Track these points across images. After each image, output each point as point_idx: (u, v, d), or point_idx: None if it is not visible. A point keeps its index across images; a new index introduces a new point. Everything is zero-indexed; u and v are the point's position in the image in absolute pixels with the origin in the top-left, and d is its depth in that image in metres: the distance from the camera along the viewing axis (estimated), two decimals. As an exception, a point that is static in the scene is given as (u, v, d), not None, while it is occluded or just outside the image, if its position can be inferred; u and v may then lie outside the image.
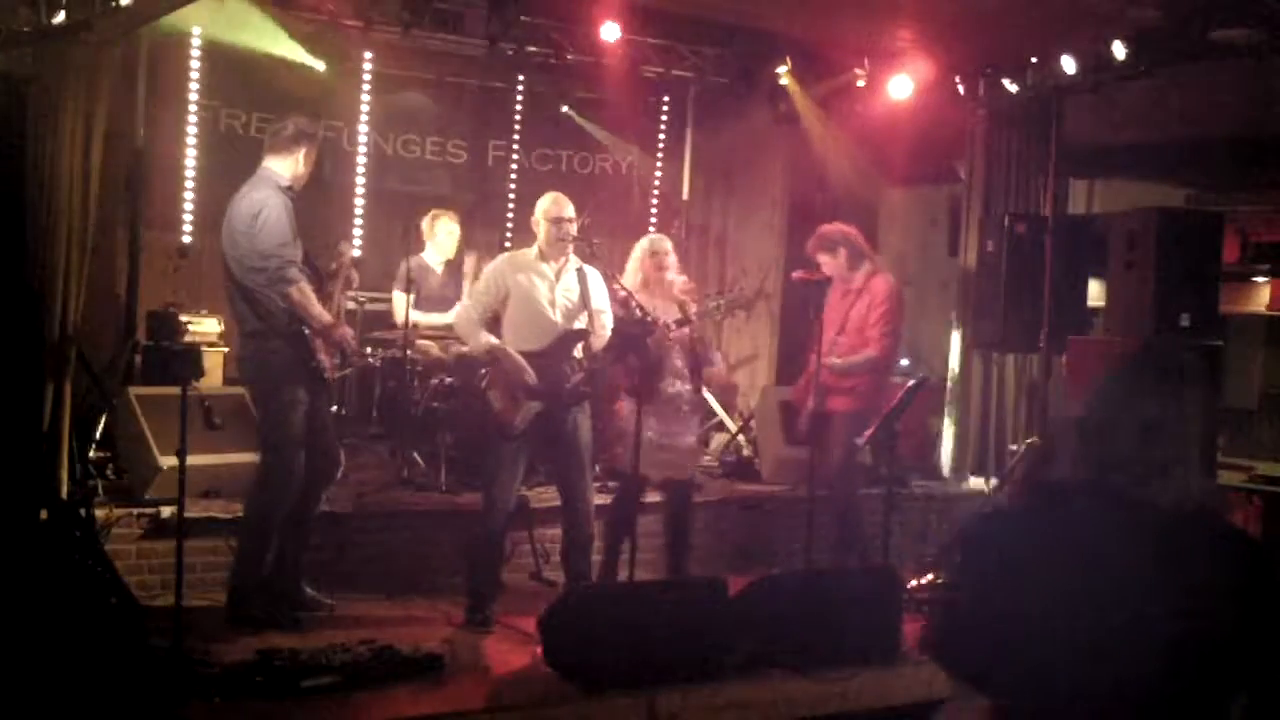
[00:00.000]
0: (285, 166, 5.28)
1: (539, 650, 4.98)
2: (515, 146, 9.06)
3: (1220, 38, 6.78)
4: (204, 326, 7.10)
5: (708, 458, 7.99)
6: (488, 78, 8.73)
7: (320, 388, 5.40)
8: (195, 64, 7.67)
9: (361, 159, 8.42)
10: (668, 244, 6.10)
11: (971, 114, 8.41)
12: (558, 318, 5.60)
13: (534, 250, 5.68)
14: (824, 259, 6.53)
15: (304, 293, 5.14)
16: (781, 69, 8.29)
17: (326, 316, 5.25)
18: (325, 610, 5.51)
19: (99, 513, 5.38)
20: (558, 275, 5.64)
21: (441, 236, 7.65)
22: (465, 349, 6.13)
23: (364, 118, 8.41)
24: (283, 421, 5.23)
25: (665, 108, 9.54)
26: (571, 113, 8.98)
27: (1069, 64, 7.53)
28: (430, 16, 7.62)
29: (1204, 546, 2.04)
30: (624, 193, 9.49)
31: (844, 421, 6.38)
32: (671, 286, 5.95)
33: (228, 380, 6.76)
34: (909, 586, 5.96)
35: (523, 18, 7.77)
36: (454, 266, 7.84)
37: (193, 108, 7.71)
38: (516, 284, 5.60)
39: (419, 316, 7.32)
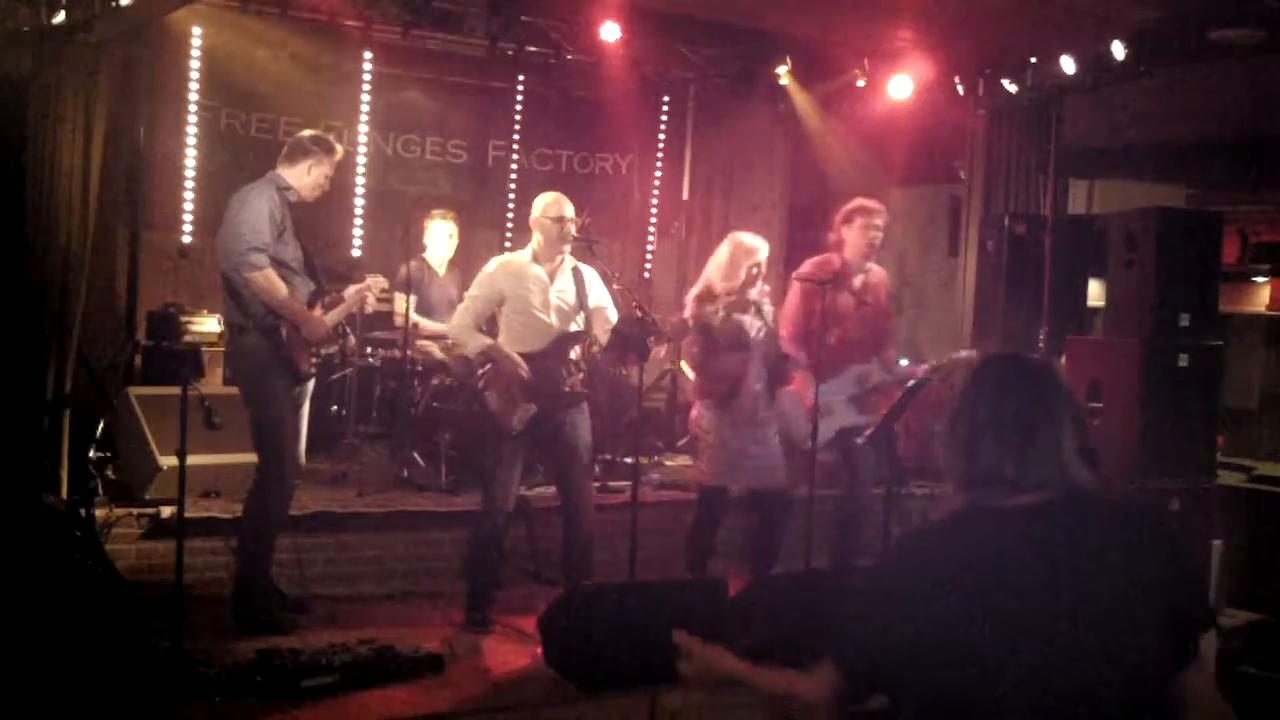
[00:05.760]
0: (291, 174, 5.37)
1: (539, 650, 4.98)
2: (515, 146, 9.05)
3: (1220, 38, 6.78)
4: (204, 326, 7.10)
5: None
6: (488, 78, 8.72)
7: (298, 387, 5.38)
8: (195, 64, 7.67)
9: (361, 159, 8.41)
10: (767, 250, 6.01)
11: (971, 114, 8.42)
12: (553, 320, 5.57)
13: (527, 253, 5.64)
14: (874, 235, 6.20)
15: (269, 279, 5.15)
16: (781, 69, 8.29)
17: (298, 307, 5.25)
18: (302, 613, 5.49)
19: (99, 513, 5.39)
20: (551, 277, 5.60)
21: (434, 239, 7.59)
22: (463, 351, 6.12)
23: (364, 118, 8.40)
24: (269, 416, 5.24)
25: (665, 108, 9.54)
26: None
27: (1069, 64, 7.53)
28: (430, 16, 7.61)
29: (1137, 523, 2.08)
30: (624, 193, 9.49)
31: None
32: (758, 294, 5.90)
33: (227, 380, 6.77)
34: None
35: (523, 18, 7.77)
36: (456, 269, 7.81)
37: (193, 108, 7.71)
38: (510, 289, 5.57)
39: (419, 318, 7.30)
